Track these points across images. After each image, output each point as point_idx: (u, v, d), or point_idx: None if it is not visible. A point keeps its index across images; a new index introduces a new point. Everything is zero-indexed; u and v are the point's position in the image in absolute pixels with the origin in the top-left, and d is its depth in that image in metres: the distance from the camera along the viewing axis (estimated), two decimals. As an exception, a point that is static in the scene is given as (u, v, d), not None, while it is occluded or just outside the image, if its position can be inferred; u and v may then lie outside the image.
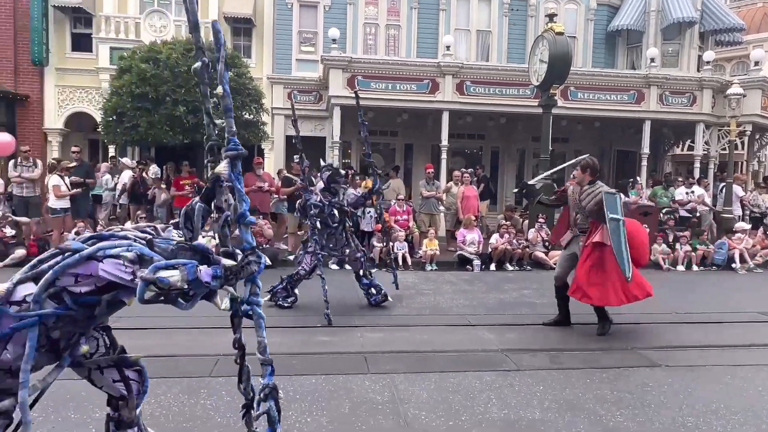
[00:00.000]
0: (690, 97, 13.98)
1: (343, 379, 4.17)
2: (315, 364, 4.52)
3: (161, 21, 14.79)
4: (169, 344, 4.96)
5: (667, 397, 3.98)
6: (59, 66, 15.51)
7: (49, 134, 15.56)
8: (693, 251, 10.75)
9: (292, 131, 15.68)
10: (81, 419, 3.42)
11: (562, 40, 8.93)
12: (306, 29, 16.04)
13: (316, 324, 5.80)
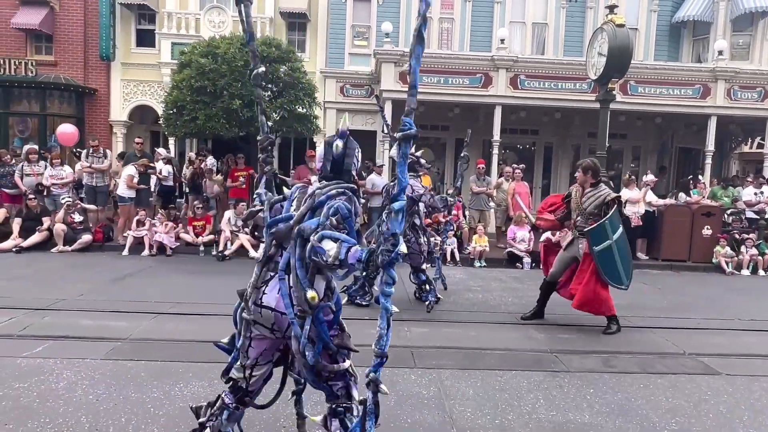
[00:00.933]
0: (761, 92, 13.23)
1: (389, 373, 4.19)
2: (363, 357, 4.56)
3: (220, 17, 15.21)
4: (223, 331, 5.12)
5: (727, 407, 3.81)
6: (124, 61, 16.23)
7: (115, 126, 16.32)
8: (760, 255, 10.22)
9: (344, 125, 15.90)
10: (140, 398, 3.59)
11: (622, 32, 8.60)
12: (359, 23, 16.12)
13: (365, 316, 5.86)
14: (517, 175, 11.45)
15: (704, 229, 10.54)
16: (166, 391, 3.72)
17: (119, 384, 3.81)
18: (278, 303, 2.39)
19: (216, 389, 3.75)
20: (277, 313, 2.42)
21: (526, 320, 5.98)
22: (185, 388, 3.78)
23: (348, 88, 15.66)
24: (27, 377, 3.86)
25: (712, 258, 10.35)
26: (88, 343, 4.67)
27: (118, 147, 15.80)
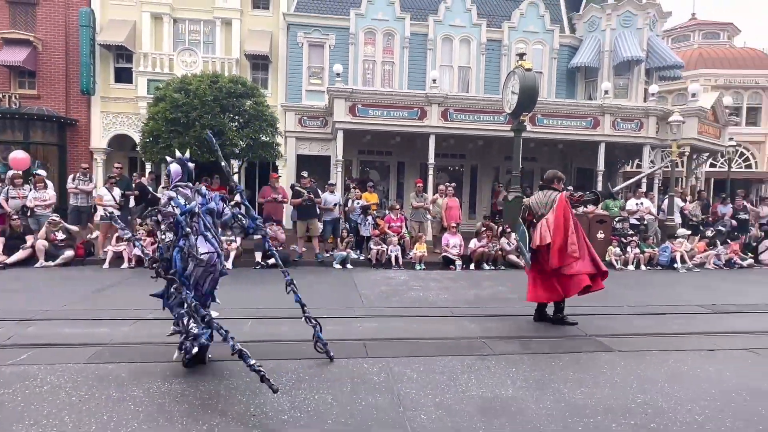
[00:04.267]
0: (638, 123, 14.09)
1: (346, 363, 4.16)
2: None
3: (191, 57, 14.81)
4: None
5: (620, 378, 3.98)
6: (104, 95, 15.52)
7: (95, 153, 15.52)
8: (641, 253, 10.78)
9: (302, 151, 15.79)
10: (121, 397, 3.39)
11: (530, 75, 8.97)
12: (314, 65, 16.10)
13: (323, 315, 5.77)
14: (449, 192, 11.67)
15: (598, 234, 11.05)
16: (145, 389, 3.52)
17: (101, 385, 3.58)
18: (209, 248, 3.91)
19: (192, 386, 3.59)
20: (211, 255, 3.90)
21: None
22: (163, 386, 3.60)
23: (305, 119, 15.56)
24: (11, 383, 3.57)
25: (606, 257, 10.84)
26: (70, 349, 4.36)
27: (99, 172, 15.04)
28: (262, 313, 5.78)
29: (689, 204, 13.23)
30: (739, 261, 11.12)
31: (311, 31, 15.90)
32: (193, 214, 3.84)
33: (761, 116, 23.06)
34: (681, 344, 4.97)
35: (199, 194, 4.02)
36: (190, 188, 4.05)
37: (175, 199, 3.83)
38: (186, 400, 3.36)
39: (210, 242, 3.93)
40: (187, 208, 3.80)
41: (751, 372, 4.19)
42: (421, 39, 16.30)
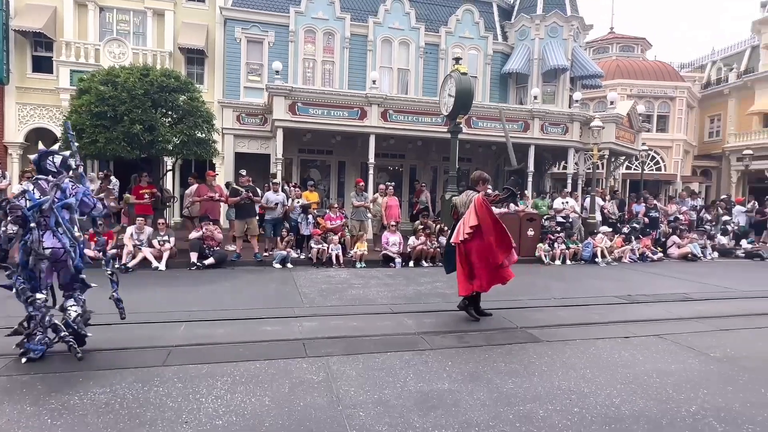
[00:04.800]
0: (564, 128, 14.89)
1: (284, 363, 4.06)
2: (259, 351, 4.37)
3: (120, 48, 13.92)
4: (124, 338, 4.62)
5: (548, 366, 4.17)
6: (20, 85, 14.21)
7: (10, 147, 14.19)
8: (567, 249, 11.39)
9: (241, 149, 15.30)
10: (36, 410, 3.10)
11: (466, 79, 9.22)
12: (253, 61, 15.65)
13: (262, 315, 5.61)
14: (389, 191, 11.75)
15: (528, 231, 11.57)
16: (64, 401, 3.24)
17: (13, 399, 3.26)
18: (55, 244, 3.90)
19: (117, 395, 3.36)
20: (56, 250, 3.92)
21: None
22: (85, 396, 3.33)
23: (244, 116, 15.08)
24: None
25: (535, 252, 11.38)
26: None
27: (14, 168, 13.76)
28: (197, 316, 5.52)
29: (608, 203, 14.17)
30: (650, 255, 12.06)
31: (249, 27, 15.43)
32: (42, 209, 3.82)
33: (669, 124, 25.16)
34: (601, 333, 5.30)
35: (59, 189, 3.96)
36: (50, 182, 3.99)
37: (30, 193, 3.86)
38: (111, 410, 3.13)
39: (59, 238, 3.92)
40: (37, 203, 3.81)
41: (660, 356, 4.54)
42: (361, 40, 16.30)
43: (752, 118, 25.60)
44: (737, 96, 26.93)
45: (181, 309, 5.80)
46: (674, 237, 13.01)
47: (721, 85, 27.95)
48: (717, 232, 14.33)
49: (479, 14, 17.43)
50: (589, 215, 13.17)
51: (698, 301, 7.22)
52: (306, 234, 10.48)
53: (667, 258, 12.42)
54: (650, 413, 3.29)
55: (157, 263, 8.76)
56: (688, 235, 13.09)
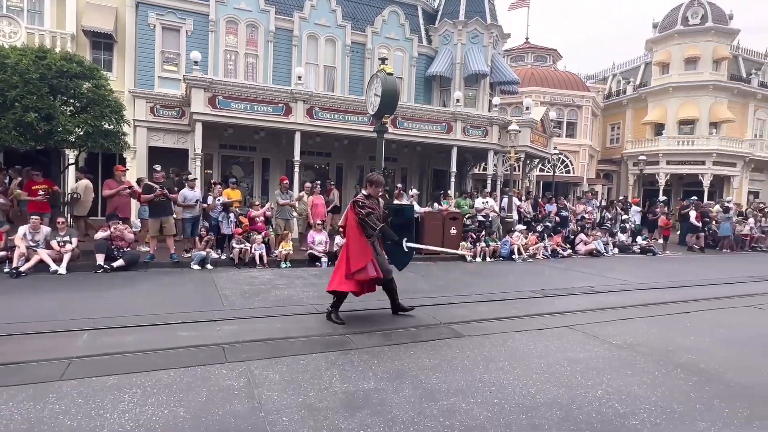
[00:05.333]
0: (484, 131, 15.54)
1: (202, 370, 3.82)
2: (174, 358, 4.08)
3: (11, 27, 12.46)
4: (13, 351, 4.11)
5: (470, 360, 4.30)
6: None
7: None
8: (487, 247, 11.93)
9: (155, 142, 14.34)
10: None
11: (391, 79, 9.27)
12: (169, 50, 14.71)
13: (177, 320, 5.26)
14: (315, 190, 11.59)
15: (451, 230, 11.95)
16: (-66, 427, 2.81)
17: None
18: None
19: (2, 417, 2.97)
20: None
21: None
22: (-38, 420, 2.91)
23: (159, 108, 14.12)
24: None
25: (459, 250, 11.77)
26: None
27: None
28: (102, 323, 5.06)
29: (524, 203, 15.04)
30: (561, 251, 12.96)
31: (165, 13, 14.48)
32: None
33: (577, 130, 27.23)
34: (518, 326, 5.58)
35: None
36: None
37: None
38: (-5, 434, 2.76)
39: None
40: None
41: (570, 345, 4.87)
42: (287, 34, 15.93)
43: (646, 127, 28.45)
44: (633, 107, 29.79)
45: (84, 316, 5.29)
46: (582, 235, 14.08)
47: (620, 96, 30.78)
48: (617, 230, 15.73)
49: (405, 16, 17.71)
50: (507, 214, 13.87)
51: (602, 294, 7.86)
52: (227, 233, 10.05)
53: (575, 254, 13.41)
54: (562, 400, 3.50)
55: (56, 266, 7.93)
56: (593, 232, 14.24)
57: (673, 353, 4.71)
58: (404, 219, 5.81)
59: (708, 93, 26.51)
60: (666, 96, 27.48)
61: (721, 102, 26.71)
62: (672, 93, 27.18)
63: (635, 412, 3.34)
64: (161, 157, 13.14)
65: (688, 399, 3.60)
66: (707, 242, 16.35)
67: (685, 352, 4.75)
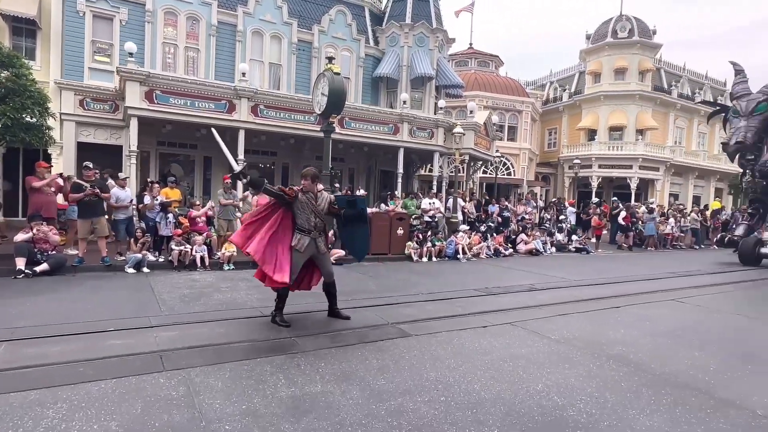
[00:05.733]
0: (430, 132, 15.82)
1: (136, 380, 3.60)
2: (105, 369, 3.82)
3: None
4: None
5: (417, 360, 4.34)
6: None
7: None
8: (433, 246, 12.12)
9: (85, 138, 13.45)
10: None
11: (338, 79, 9.23)
12: (101, 39, 13.83)
13: (109, 328, 4.93)
14: (260, 189, 11.30)
15: (398, 230, 12.05)
16: None
17: None
18: None
19: None
20: None
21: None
22: None
23: (89, 101, 13.22)
24: None
25: (405, 250, 11.89)
26: None
27: None
28: (23, 333, 4.65)
29: (468, 204, 15.43)
30: (503, 251, 13.41)
31: (96, 0, 13.58)
32: None
33: (518, 134, 28.34)
34: (463, 324, 5.69)
35: None
36: None
37: None
38: None
39: None
40: None
41: (512, 342, 5.03)
42: (230, 29, 15.44)
43: (580, 132, 30.10)
44: (569, 113, 31.43)
45: (0, 326, 4.83)
46: (522, 235, 14.65)
47: (557, 102, 32.38)
48: (555, 230, 16.50)
49: (352, 17, 17.68)
50: (452, 215, 14.18)
51: (541, 291, 8.20)
52: (166, 235, 9.57)
53: (516, 253, 13.92)
54: (505, 395, 3.60)
55: (-33, 272, 7.21)
56: (533, 233, 14.85)
57: (605, 346, 4.98)
58: (357, 210, 5.73)
59: (635, 102, 28.46)
60: (598, 104, 29.21)
61: (646, 111, 28.76)
62: (603, 101, 28.93)
63: (573, 403, 3.50)
64: (92, 153, 12.30)
65: (619, 389, 3.82)
66: (634, 241, 17.51)
67: (616, 345, 5.04)
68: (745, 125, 9.98)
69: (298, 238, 5.33)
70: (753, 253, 13.22)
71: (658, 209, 19.67)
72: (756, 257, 13.26)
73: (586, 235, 17.02)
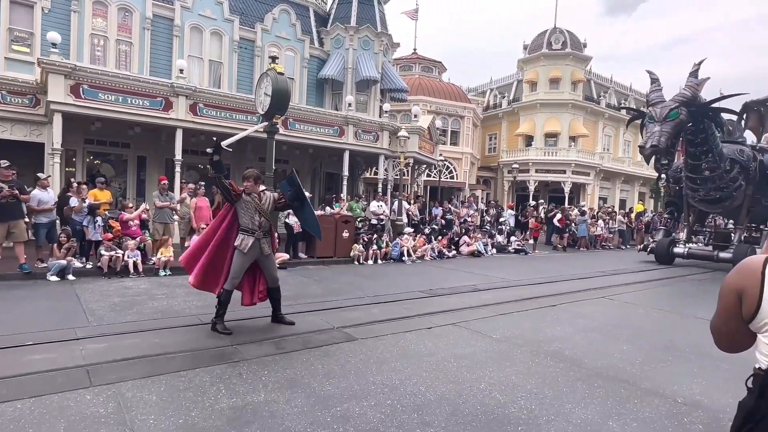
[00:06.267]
0: (375, 135, 15.87)
1: (59, 398, 3.31)
2: (22, 387, 3.49)
3: None
4: None
5: (363, 363, 4.31)
6: None
7: None
8: (379, 249, 12.16)
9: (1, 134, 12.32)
10: None
11: (282, 79, 9.05)
12: (19, 28, 12.75)
13: (28, 342, 4.52)
14: (200, 191, 10.85)
15: (344, 233, 11.98)
16: None
17: None
18: None
19: None
20: None
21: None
22: None
23: (5, 95, 12.08)
24: None
25: (351, 253, 11.84)
26: None
27: None
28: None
29: (413, 206, 15.62)
30: (447, 253, 13.69)
31: (14, -15, 12.51)
32: None
33: (460, 138, 29.11)
34: (408, 326, 5.74)
35: None
36: None
37: None
38: None
39: None
40: None
41: (456, 342, 5.13)
42: (167, 23, 14.75)
43: (518, 138, 31.40)
44: (508, 119, 32.71)
45: None
46: (465, 237, 15.03)
47: (497, 109, 33.60)
48: (495, 232, 17.07)
49: (296, 16, 17.43)
50: (397, 217, 14.30)
51: (483, 291, 8.44)
52: (94, 239, 8.95)
53: (459, 255, 14.26)
54: (450, 395, 3.66)
55: None
56: (474, 234, 15.28)
57: (543, 343, 5.20)
58: (292, 187, 5.55)
59: (568, 110, 30.09)
60: (535, 111, 30.61)
61: (578, 119, 30.50)
62: (539, 109, 30.36)
63: (514, 400, 3.61)
64: (9, 151, 11.26)
65: (556, 384, 3.99)
66: (568, 242, 18.48)
67: (553, 342, 5.28)
68: (659, 130, 10.76)
69: (242, 239, 5.23)
70: (667, 253, 14.22)
71: (589, 212, 20.88)
72: (670, 256, 14.26)
73: (524, 237, 17.75)
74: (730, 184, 12.42)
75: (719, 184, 12.33)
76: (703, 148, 11.65)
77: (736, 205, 13.24)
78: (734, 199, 12.91)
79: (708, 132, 11.46)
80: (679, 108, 10.87)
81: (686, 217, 15.05)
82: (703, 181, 12.46)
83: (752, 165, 12.80)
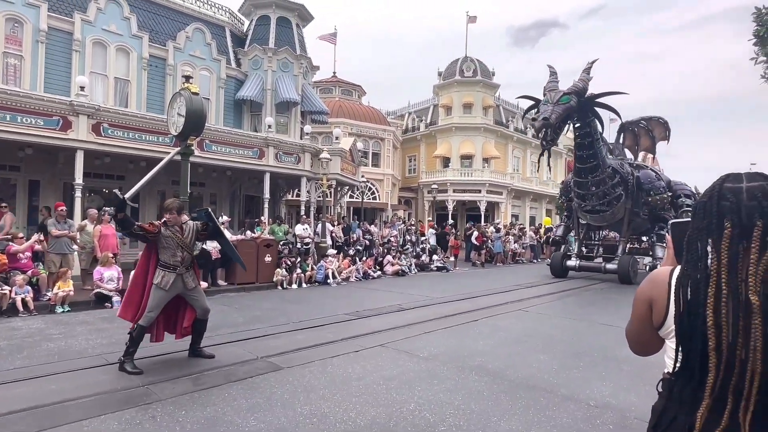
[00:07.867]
0: (296, 158, 15.70)
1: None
2: None
3: None
4: None
5: (290, 394, 4.14)
6: None
7: None
8: (303, 273, 11.91)
9: None
10: None
11: (197, 99, 8.69)
12: None
13: None
14: (104, 218, 10.00)
15: (266, 257, 11.60)
16: None
17: None
18: None
19: None
20: None
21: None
22: None
23: None
24: None
25: (274, 278, 11.47)
26: None
27: None
28: None
29: (336, 228, 15.56)
30: (372, 273, 13.74)
31: None
32: None
33: (381, 160, 29.66)
34: (335, 350, 5.63)
35: None
36: None
37: None
38: None
39: None
40: None
41: (384, 363, 5.12)
42: (65, 37, 13.66)
43: (436, 160, 32.66)
44: (426, 142, 33.96)
45: None
46: (389, 257, 15.20)
47: (415, 132, 34.79)
48: (419, 251, 17.47)
49: (211, 36, 16.95)
50: (321, 239, 14.14)
51: (408, 310, 8.55)
52: (-26, 275, 7.86)
53: (384, 275, 14.38)
54: (381, 419, 3.62)
55: None
56: (398, 254, 15.51)
57: (467, 358, 5.35)
58: (206, 221, 5.30)
59: (480, 134, 31.91)
60: (450, 134, 32.10)
61: (490, 141, 32.43)
62: (455, 132, 31.89)
63: (443, 418, 3.65)
64: None
65: (482, 398, 4.11)
66: (486, 258, 19.37)
67: (477, 356, 5.45)
68: (552, 108, 11.63)
69: (162, 275, 4.89)
70: (561, 266, 15.08)
71: (504, 229, 22.11)
72: (563, 270, 15.01)
73: (445, 255, 18.33)
74: (612, 192, 13.38)
75: (603, 189, 13.21)
76: (590, 151, 12.63)
77: (619, 218, 14.41)
78: (617, 211, 14.04)
79: (594, 136, 12.41)
80: (571, 95, 11.84)
81: (577, 231, 16.03)
82: (587, 186, 13.15)
83: (630, 179, 14.10)
